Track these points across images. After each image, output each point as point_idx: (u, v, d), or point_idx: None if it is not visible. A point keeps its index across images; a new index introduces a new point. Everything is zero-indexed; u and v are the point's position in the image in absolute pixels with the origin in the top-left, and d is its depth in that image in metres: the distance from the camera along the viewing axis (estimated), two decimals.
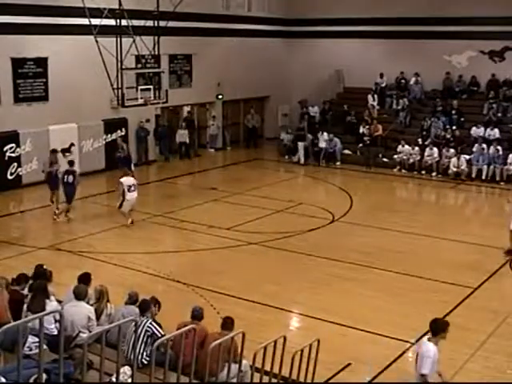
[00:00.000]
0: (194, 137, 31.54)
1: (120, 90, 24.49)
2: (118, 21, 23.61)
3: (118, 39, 23.48)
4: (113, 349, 7.78)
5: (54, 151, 21.83)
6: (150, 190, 23.23)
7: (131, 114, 26.93)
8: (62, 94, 24.82)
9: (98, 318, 9.85)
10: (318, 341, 9.53)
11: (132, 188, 18.82)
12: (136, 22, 24.30)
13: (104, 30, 23.14)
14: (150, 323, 9.15)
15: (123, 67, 23.89)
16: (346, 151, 30.29)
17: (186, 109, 32.52)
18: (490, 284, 15.20)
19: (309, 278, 15.34)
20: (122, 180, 18.94)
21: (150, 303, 9.78)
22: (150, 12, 24.65)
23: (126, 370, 7.92)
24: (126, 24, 23.65)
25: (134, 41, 24.27)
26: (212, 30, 30.91)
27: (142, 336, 8.97)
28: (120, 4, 23.69)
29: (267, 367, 8.61)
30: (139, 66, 26.13)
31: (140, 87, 25.35)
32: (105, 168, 26.75)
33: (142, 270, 15.39)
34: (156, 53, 25.33)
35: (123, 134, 27.38)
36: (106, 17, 23.50)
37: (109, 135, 26.97)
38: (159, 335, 8.95)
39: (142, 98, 24.73)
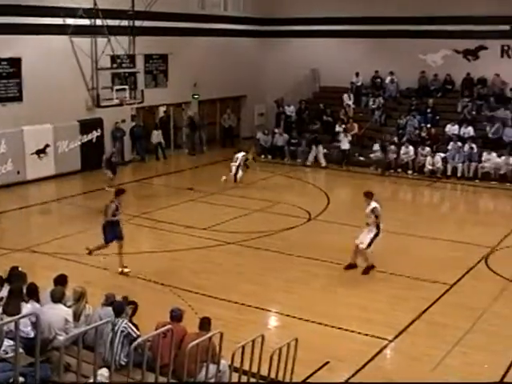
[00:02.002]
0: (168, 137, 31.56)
1: (95, 91, 24.46)
2: (93, 20, 23.53)
3: (93, 39, 23.40)
4: (90, 351, 7.74)
5: None
6: (126, 190, 23.04)
7: (107, 114, 26.79)
8: (36, 95, 24.55)
9: (77, 319, 9.78)
10: (296, 339, 9.53)
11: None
12: (111, 22, 24.24)
13: (79, 30, 23.10)
14: (126, 324, 9.09)
15: (98, 67, 23.84)
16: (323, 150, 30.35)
17: (162, 109, 32.42)
18: (466, 281, 15.30)
19: (286, 276, 15.35)
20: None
21: (125, 304, 9.73)
22: (125, 12, 24.61)
23: (104, 371, 7.88)
24: (100, 24, 23.56)
25: (109, 41, 24.22)
26: (188, 30, 30.83)
27: (118, 337, 8.91)
28: (95, 4, 23.63)
29: (246, 367, 8.61)
30: (114, 66, 26.05)
31: (115, 87, 25.31)
32: (81, 169, 26.57)
33: (119, 271, 15.32)
34: (131, 53, 25.29)
35: (99, 134, 27.21)
36: (81, 16, 23.42)
37: (84, 136, 26.78)
38: (135, 336, 8.89)
39: (117, 99, 24.70)
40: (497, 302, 14.03)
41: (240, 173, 25.20)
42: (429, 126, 29.59)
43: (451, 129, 29.00)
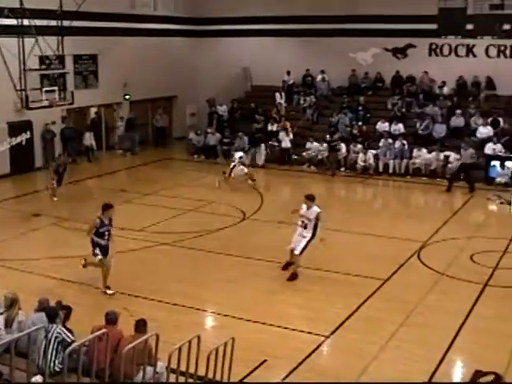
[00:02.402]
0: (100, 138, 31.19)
1: (24, 92, 23.96)
2: (20, 20, 23.07)
3: (20, 39, 22.94)
4: (23, 358, 7.58)
5: None
6: (58, 193, 22.70)
7: (36, 116, 26.25)
8: None
9: (9, 326, 9.59)
10: (233, 339, 9.52)
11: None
12: (39, 22, 23.79)
13: (5, 30, 22.59)
14: (60, 329, 8.95)
15: (26, 68, 23.38)
16: None
17: (93, 110, 32.02)
18: (399, 275, 15.53)
19: (222, 276, 15.32)
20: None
21: (58, 309, 9.58)
22: (53, 11, 24.18)
23: (38, 378, 7.73)
24: (28, 24, 23.12)
25: (36, 41, 23.77)
26: (117, 30, 30.50)
27: (52, 343, 8.76)
28: (21, 3, 23.16)
29: (183, 368, 8.57)
30: (43, 66, 25.56)
31: (45, 89, 24.84)
32: (10, 172, 26.04)
33: (52, 276, 15.05)
34: (60, 53, 24.88)
35: (28, 136, 26.67)
36: (7, 16, 22.94)
37: (13, 138, 26.21)
38: (69, 341, 8.76)
39: (47, 100, 24.25)
40: (429, 296, 14.29)
41: (238, 171, 25.04)
42: (360, 123, 29.96)
43: (382, 126, 29.43)
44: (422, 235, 18.56)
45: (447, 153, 27.17)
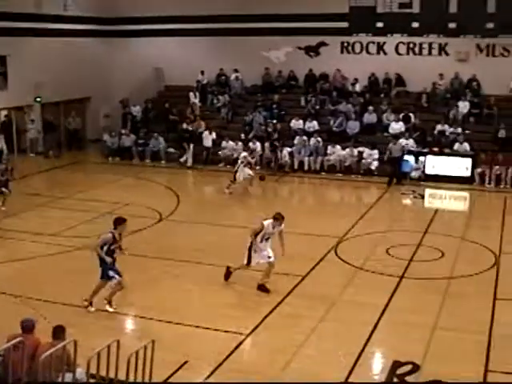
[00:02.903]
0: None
1: None
2: None
3: None
4: None
5: None
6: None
7: None
8: None
9: None
10: (153, 341, 9.44)
11: None
12: None
13: None
14: None
15: None
16: (170, 150, 30.27)
17: (3, 113, 31.24)
18: (317, 271, 15.70)
19: (139, 278, 15.11)
20: None
21: None
22: None
23: None
24: None
25: None
26: (26, 30, 29.79)
27: None
28: None
29: (103, 373, 8.44)
30: None
31: None
32: None
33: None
34: None
35: None
36: None
37: None
38: None
39: None
40: (347, 290, 14.49)
41: (243, 173, 24.31)
42: (275, 121, 30.14)
43: (296, 123, 29.69)
44: (338, 231, 18.80)
45: (361, 149, 27.69)
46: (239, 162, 24.46)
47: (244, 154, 24.96)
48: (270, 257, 14.35)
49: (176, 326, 12.53)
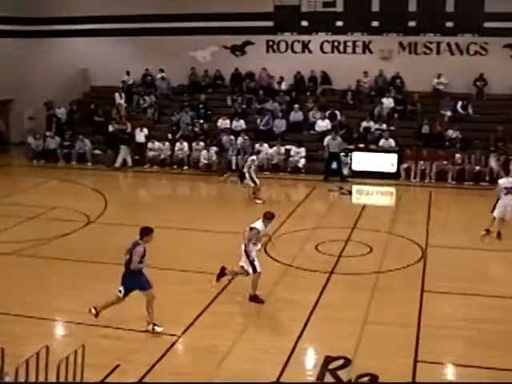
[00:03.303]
0: None
1: None
2: None
3: None
4: None
5: None
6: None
7: None
8: None
9: None
10: (83, 346, 9.29)
11: None
12: None
13: None
14: None
15: None
16: (97, 151, 29.91)
17: None
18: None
19: (69, 283, 14.88)
20: None
21: None
22: None
23: None
24: None
25: None
26: None
27: None
28: None
29: (32, 379, 8.27)
30: None
31: None
32: None
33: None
34: None
35: None
36: None
37: None
38: None
39: None
40: (278, 288, 14.54)
41: (249, 179, 23.20)
42: (202, 121, 30.12)
43: (223, 123, 29.69)
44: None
45: (288, 147, 27.89)
46: (247, 166, 23.22)
47: (253, 157, 23.83)
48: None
49: (107, 330, 12.35)
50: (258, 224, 14.05)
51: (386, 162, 26.70)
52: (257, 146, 27.94)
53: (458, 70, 29.81)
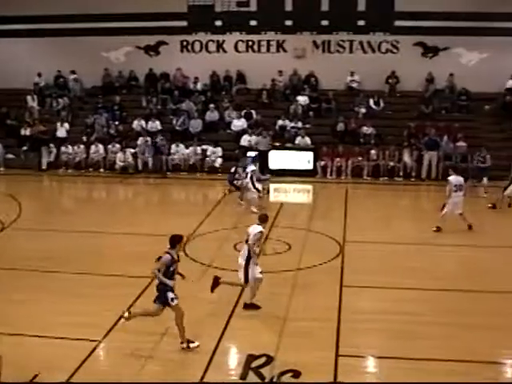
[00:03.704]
0: None
1: None
2: None
3: None
4: None
5: None
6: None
7: None
8: None
9: None
10: (0, 356, 9.02)
11: None
12: None
13: None
14: None
15: None
16: (9, 155, 29.19)
17: None
18: None
19: None
20: None
21: None
22: None
23: None
24: None
25: None
26: None
27: None
28: None
29: None
30: None
31: None
32: None
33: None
34: None
35: None
36: None
37: None
38: None
39: None
40: (197, 288, 14.42)
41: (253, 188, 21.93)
42: (117, 122, 29.77)
43: (138, 124, 29.40)
44: (185, 230, 18.64)
45: (204, 146, 27.84)
46: (249, 177, 21.86)
47: (252, 167, 22.26)
48: (261, 272, 13.64)
49: (22, 338, 12.02)
50: (259, 228, 13.74)
51: (303, 160, 26.95)
52: (173, 146, 27.78)
53: (370, 68, 30.37)
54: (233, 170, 23.02)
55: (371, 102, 29.85)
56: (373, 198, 24.63)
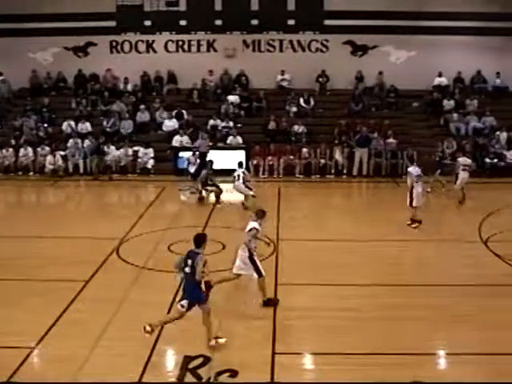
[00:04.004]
0: None
1: None
2: None
3: None
4: None
5: None
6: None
7: None
8: None
9: None
10: None
11: None
12: None
13: None
14: None
15: None
16: None
17: None
18: (101, 274, 15.41)
19: None
20: None
21: None
22: None
23: None
24: None
25: None
26: None
27: None
28: None
29: None
30: None
31: None
32: None
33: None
34: None
35: None
36: None
37: None
38: None
39: None
40: (133, 291, 14.34)
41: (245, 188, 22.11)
42: (46, 125, 29.29)
43: (68, 126, 28.97)
44: (119, 232, 18.59)
45: (136, 148, 27.61)
46: (236, 180, 22.18)
47: (242, 170, 22.53)
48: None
49: None
50: (255, 224, 13.80)
51: (235, 159, 26.87)
52: (104, 148, 27.45)
53: (300, 67, 30.65)
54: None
55: (301, 100, 30.07)
56: (305, 195, 24.83)
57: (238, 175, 22.14)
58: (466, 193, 22.21)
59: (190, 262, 11.54)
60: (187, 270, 11.57)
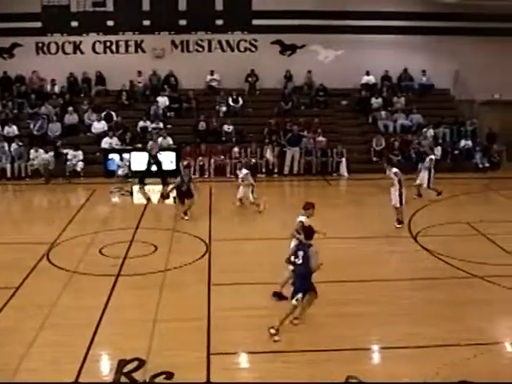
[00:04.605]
0: None
1: None
2: None
3: None
4: None
5: None
6: None
7: None
8: None
9: None
10: None
11: None
12: None
13: None
14: None
15: None
16: None
17: None
18: (31, 280, 15.10)
19: None
20: None
21: None
22: None
23: None
24: None
25: None
26: None
27: None
28: None
29: None
30: None
31: None
32: None
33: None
34: None
35: None
36: None
37: None
38: None
39: None
40: (64, 295, 14.14)
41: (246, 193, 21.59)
42: None
43: None
44: (48, 237, 18.29)
45: (65, 151, 27.20)
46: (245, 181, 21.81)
47: (245, 171, 22.10)
48: None
49: None
50: (300, 218, 13.94)
51: (166, 160, 26.78)
52: (32, 151, 26.98)
53: (230, 67, 30.74)
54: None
55: (230, 100, 30.14)
56: (236, 195, 24.83)
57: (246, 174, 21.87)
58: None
59: (301, 253, 12.06)
60: (298, 261, 12.12)
